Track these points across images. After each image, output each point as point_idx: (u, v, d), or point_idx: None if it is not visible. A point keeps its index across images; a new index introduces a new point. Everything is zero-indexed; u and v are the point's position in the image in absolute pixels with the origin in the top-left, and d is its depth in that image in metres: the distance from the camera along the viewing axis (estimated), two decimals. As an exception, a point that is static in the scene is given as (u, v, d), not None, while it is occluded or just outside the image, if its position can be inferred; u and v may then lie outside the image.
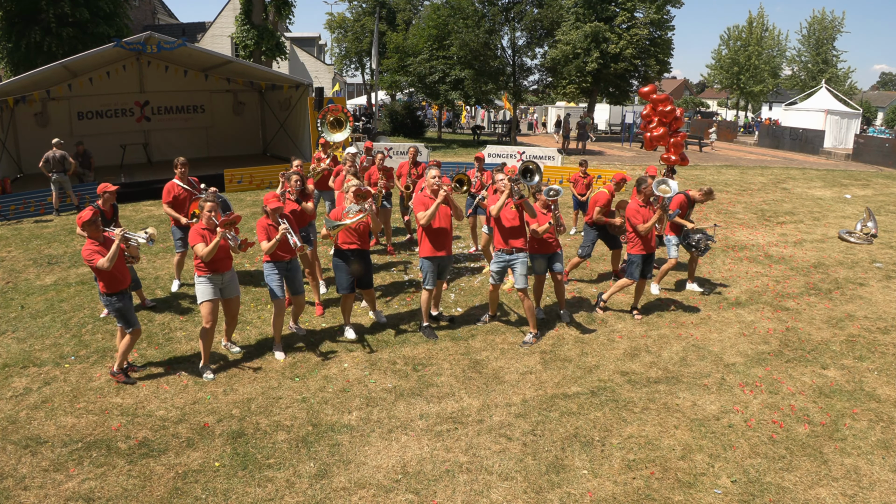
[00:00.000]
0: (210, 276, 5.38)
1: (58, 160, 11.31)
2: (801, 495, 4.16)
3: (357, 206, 5.81)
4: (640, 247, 6.83)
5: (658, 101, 10.39)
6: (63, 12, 19.26)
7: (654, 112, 10.45)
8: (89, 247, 5.05)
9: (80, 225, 5.15)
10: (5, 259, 8.86)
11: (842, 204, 15.31)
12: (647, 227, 6.62)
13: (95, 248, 5.04)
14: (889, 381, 5.83)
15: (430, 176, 6.19)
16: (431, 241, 6.18)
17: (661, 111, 10.35)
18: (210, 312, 5.37)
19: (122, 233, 5.12)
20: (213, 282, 5.41)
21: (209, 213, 5.37)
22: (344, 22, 41.88)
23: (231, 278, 5.59)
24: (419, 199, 6.21)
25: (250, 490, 4.06)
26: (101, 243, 5.09)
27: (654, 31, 27.91)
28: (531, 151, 16.84)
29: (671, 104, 10.41)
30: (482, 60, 23.11)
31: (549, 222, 6.29)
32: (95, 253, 5.00)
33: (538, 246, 6.53)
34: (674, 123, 10.50)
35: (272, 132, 18.37)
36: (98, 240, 5.10)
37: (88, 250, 5.03)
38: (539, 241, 6.49)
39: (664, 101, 10.39)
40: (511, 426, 4.86)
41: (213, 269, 5.38)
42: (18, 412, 4.89)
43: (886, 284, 8.79)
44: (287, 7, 24.89)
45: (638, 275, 6.92)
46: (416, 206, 6.22)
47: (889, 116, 53.88)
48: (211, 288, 5.40)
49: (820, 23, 42.90)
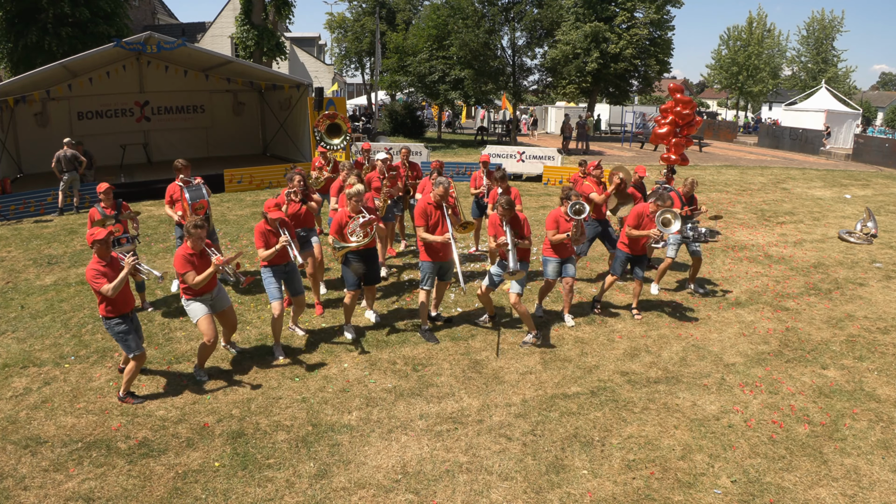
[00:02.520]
0: (196, 296, 5.22)
1: (69, 159, 11.39)
2: (801, 495, 4.16)
3: (362, 231, 5.91)
4: (626, 246, 6.93)
5: (682, 101, 10.39)
6: (63, 12, 19.26)
7: (673, 111, 10.47)
8: (95, 267, 4.75)
9: (90, 242, 4.83)
10: (5, 259, 8.86)
11: (842, 204, 15.31)
12: (559, 238, 6.43)
13: (101, 268, 4.75)
14: (889, 381, 5.83)
15: (437, 192, 6.05)
16: (430, 249, 6.17)
17: (680, 112, 10.38)
18: (209, 328, 5.21)
19: (133, 262, 4.81)
20: (203, 300, 5.25)
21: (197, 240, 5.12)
22: (344, 22, 41.90)
23: (218, 291, 5.41)
24: (421, 207, 6.13)
25: (250, 490, 4.06)
26: (107, 264, 4.82)
27: (653, 31, 27.94)
28: (531, 151, 16.83)
29: (692, 110, 10.44)
30: (482, 60, 23.12)
31: (568, 234, 6.34)
32: (101, 276, 4.71)
33: (553, 250, 6.57)
34: (685, 129, 10.55)
35: (272, 132, 18.38)
36: (105, 260, 4.82)
37: (94, 271, 4.73)
38: (557, 245, 6.53)
39: (687, 104, 10.42)
40: (511, 426, 4.86)
41: (197, 293, 5.20)
42: (18, 412, 4.89)
43: (886, 284, 8.79)
44: (287, 7, 24.90)
45: (619, 271, 7.01)
46: (417, 214, 6.14)
47: (889, 116, 53.87)
48: (201, 306, 5.23)
49: (820, 23, 42.91)
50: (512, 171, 15.88)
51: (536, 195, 14.65)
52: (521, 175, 16.60)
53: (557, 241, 6.44)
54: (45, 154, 12.76)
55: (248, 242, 9.84)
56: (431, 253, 6.17)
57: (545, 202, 13.78)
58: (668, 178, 9.15)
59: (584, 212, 6.36)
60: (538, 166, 16.53)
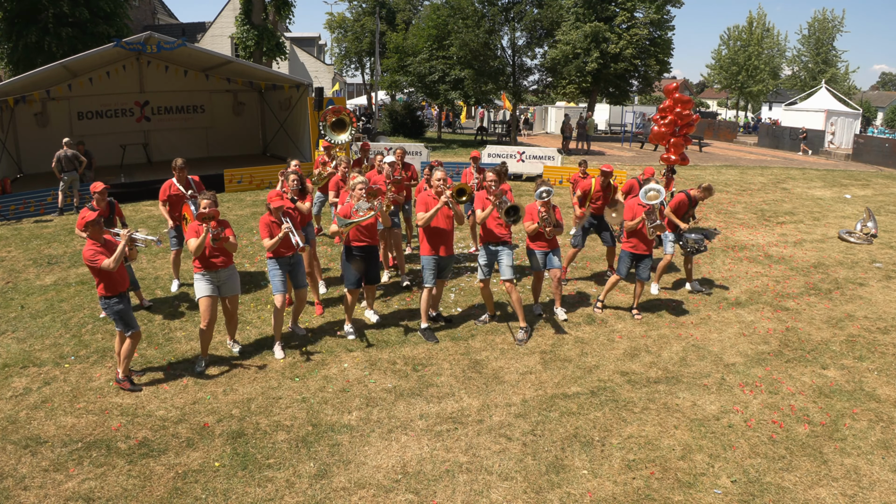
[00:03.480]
0: (205, 272, 5.41)
1: (69, 159, 11.40)
2: (801, 495, 4.16)
3: (367, 204, 5.81)
4: (630, 245, 6.92)
5: (681, 100, 10.39)
6: (62, 12, 19.26)
7: (671, 111, 10.47)
8: (91, 247, 4.93)
9: (81, 226, 5.04)
10: (5, 259, 8.86)
11: (842, 204, 15.31)
12: (533, 228, 6.51)
13: (98, 248, 4.94)
14: (889, 381, 5.83)
15: (435, 178, 6.21)
16: (432, 241, 6.24)
17: (679, 112, 10.37)
18: (207, 308, 5.39)
19: (129, 234, 5.05)
20: (210, 279, 5.43)
21: (205, 210, 5.32)
22: (344, 22, 41.92)
23: (229, 276, 5.59)
24: (422, 199, 6.26)
25: (250, 490, 4.06)
26: (102, 244, 5.00)
27: (653, 31, 27.90)
28: (531, 151, 16.83)
29: (690, 109, 10.44)
30: (482, 60, 23.11)
31: (538, 222, 6.40)
32: (99, 254, 4.90)
33: (534, 241, 6.66)
34: (684, 128, 10.54)
35: (272, 132, 18.38)
36: (99, 241, 5.00)
37: (91, 251, 4.91)
38: (536, 236, 6.61)
39: (685, 104, 10.41)
40: (511, 426, 4.86)
41: (206, 266, 5.40)
42: (18, 412, 4.89)
43: (886, 284, 8.79)
44: (287, 7, 24.90)
45: (624, 271, 6.99)
46: (418, 206, 6.27)
47: (889, 116, 53.88)
48: (208, 285, 5.43)
49: (821, 22, 42.90)
50: (512, 171, 15.87)
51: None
52: (521, 175, 16.59)
53: (533, 231, 6.55)
54: (45, 154, 12.76)
55: (248, 242, 9.84)
56: (432, 246, 6.23)
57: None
58: (668, 178, 9.15)
59: (549, 195, 6.39)
60: (538, 166, 16.52)
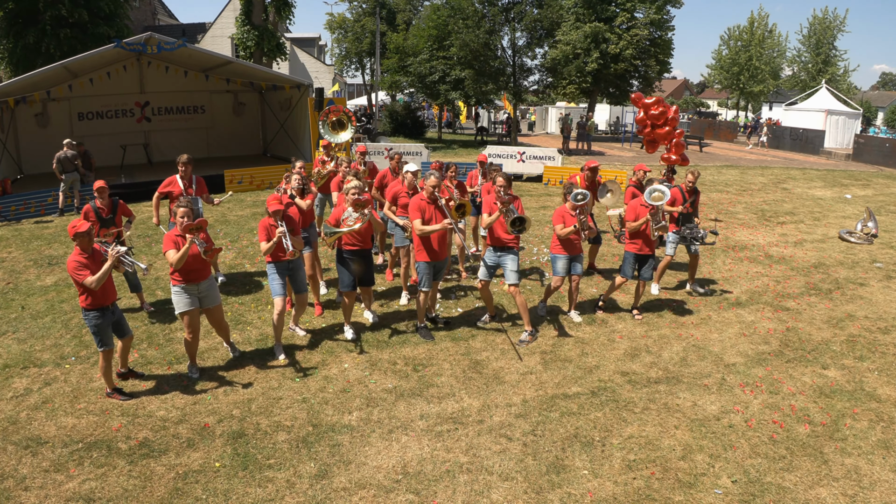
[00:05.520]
0: (185, 285, 5.15)
1: (69, 159, 11.44)
2: (802, 495, 4.16)
3: (356, 214, 5.80)
4: (635, 246, 6.89)
5: (648, 105, 10.46)
6: (60, 14, 19.24)
7: (647, 116, 10.52)
8: (77, 258, 4.71)
9: (72, 234, 4.75)
10: (6, 260, 8.87)
11: (842, 204, 15.31)
12: (566, 231, 6.42)
13: (83, 260, 4.72)
14: (889, 381, 5.83)
15: (429, 184, 6.03)
16: (427, 247, 6.15)
17: (653, 115, 10.42)
18: (190, 324, 5.20)
19: (117, 254, 4.79)
20: (189, 292, 5.18)
21: (182, 219, 5.06)
22: (344, 22, 41.86)
23: (209, 287, 5.33)
24: (415, 202, 6.07)
25: (251, 490, 4.06)
26: (89, 256, 4.78)
27: (654, 32, 27.88)
28: (531, 151, 16.82)
29: (661, 105, 10.47)
30: (482, 61, 23.12)
31: (574, 226, 6.36)
32: (83, 268, 4.68)
33: (562, 247, 6.59)
34: (669, 123, 10.54)
35: (272, 133, 18.38)
36: (87, 252, 4.78)
37: (75, 263, 4.69)
38: (565, 241, 6.54)
39: (654, 105, 10.46)
40: (511, 426, 4.86)
41: (187, 279, 5.14)
42: (19, 413, 4.89)
43: (887, 284, 8.79)
44: (287, 7, 24.89)
45: (629, 272, 6.96)
46: (411, 210, 6.08)
47: (889, 116, 53.87)
48: (187, 298, 5.17)
49: (821, 22, 42.85)
50: (512, 172, 15.87)
51: (537, 195, 14.65)
52: (522, 175, 16.60)
53: (565, 235, 6.43)
54: (46, 155, 12.76)
55: (249, 243, 9.85)
56: (427, 252, 6.17)
57: (545, 202, 13.78)
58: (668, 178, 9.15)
59: (585, 198, 6.40)
60: (538, 166, 16.53)
